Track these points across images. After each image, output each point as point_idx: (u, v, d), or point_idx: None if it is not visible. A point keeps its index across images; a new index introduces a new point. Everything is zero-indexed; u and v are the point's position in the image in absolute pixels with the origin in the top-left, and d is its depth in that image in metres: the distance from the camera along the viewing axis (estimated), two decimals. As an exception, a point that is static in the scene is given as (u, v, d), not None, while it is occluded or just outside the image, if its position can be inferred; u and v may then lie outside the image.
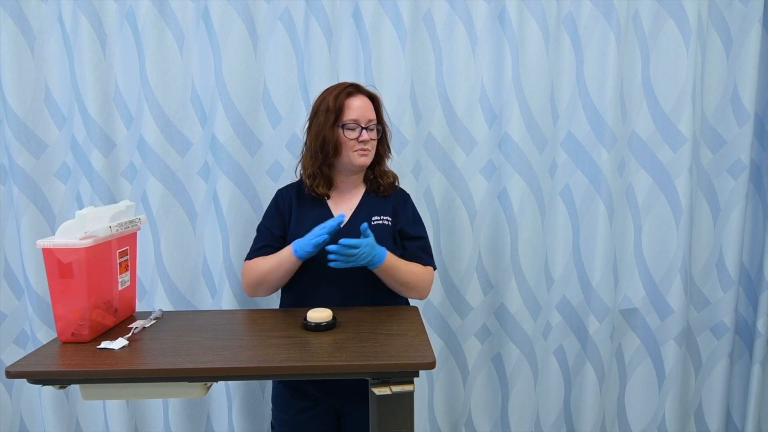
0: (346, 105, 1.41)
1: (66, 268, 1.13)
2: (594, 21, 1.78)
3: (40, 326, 1.81)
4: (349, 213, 1.47)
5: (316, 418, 1.45)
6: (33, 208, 1.77)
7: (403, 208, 1.52)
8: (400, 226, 1.49)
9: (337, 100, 1.42)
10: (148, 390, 1.10)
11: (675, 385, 1.91)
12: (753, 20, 1.78)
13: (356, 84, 1.47)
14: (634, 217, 1.90)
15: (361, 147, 1.42)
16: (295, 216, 1.47)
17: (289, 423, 1.47)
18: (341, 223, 1.33)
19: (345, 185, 1.50)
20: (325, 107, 1.43)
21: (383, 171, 1.53)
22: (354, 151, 1.42)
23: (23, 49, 1.72)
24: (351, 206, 1.49)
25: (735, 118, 1.84)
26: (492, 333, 1.93)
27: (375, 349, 1.12)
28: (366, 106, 1.43)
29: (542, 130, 1.84)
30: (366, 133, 1.42)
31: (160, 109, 1.75)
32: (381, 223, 1.46)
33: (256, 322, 1.30)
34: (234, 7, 1.72)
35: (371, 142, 1.44)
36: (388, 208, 1.50)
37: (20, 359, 1.08)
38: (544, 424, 1.96)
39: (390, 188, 1.52)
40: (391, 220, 1.48)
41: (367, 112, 1.43)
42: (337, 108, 1.41)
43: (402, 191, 1.57)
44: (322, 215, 1.45)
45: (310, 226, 1.39)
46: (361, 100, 1.43)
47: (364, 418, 1.43)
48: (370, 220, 1.45)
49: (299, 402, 1.45)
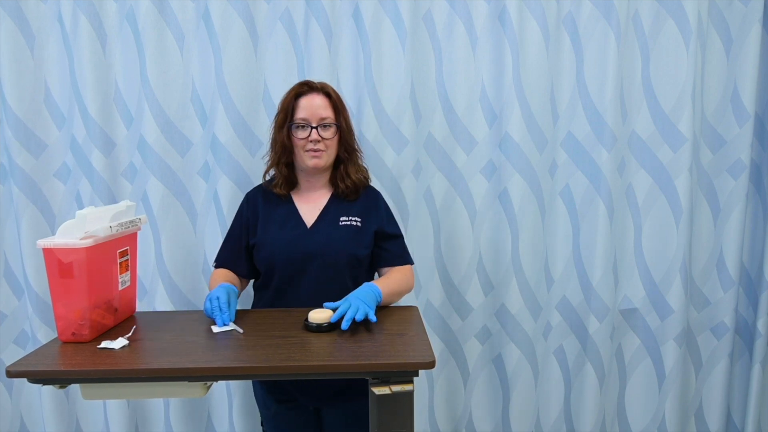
0: (296, 104, 1.40)
1: (66, 267, 1.13)
2: (594, 21, 1.78)
3: (40, 326, 1.81)
4: (315, 214, 1.45)
5: (296, 410, 1.47)
6: (33, 208, 1.77)
7: (375, 208, 1.49)
8: (377, 227, 1.46)
9: (288, 99, 1.41)
10: (148, 390, 1.10)
11: (675, 385, 1.91)
12: (753, 20, 1.78)
13: (308, 82, 1.44)
14: (634, 217, 1.90)
15: (311, 147, 1.39)
16: (262, 215, 1.46)
17: (273, 417, 1.48)
18: None
19: (309, 185, 1.48)
20: (280, 107, 1.44)
21: (344, 173, 1.46)
22: (305, 151, 1.40)
23: (23, 48, 1.72)
24: (317, 207, 1.46)
25: (735, 118, 1.84)
26: (492, 334, 1.93)
27: (375, 348, 1.12)
28: (318, 104, 1.39)
29: (542, 130, 1.84)
30: (316, 132, 1.38)
31: (161, 108, 1.75)
32: (349, 224, 1.43)
33: (257, 322, 1.30)
34: (234, 7, 1.72)
35: (324, 142, 1.39)
36: (357, 208, 1.46)
37: (21, 359, 1.08)
38: (544, 425, 1.96)
39: (353, 193, 1.47)
40: (360, 220, 1.44)
41: (319, 110, 1.39)
42: (287, 108, 1.40)
43: (372, 189, 1.53)
44: (289, 212, 1.45)
45: (279, 224, 1.41)
46: (311, 99, 1.40)
47: (342, 416, 1.44)
48: (338, 221, 1.43)
49: (279, 395, 1.46)
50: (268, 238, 1.42)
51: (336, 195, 1.48)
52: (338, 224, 1.42)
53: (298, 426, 1.49)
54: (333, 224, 1.43)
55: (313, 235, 1.41)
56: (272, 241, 1.41)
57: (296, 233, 1.42)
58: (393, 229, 1.50)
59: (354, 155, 1.49)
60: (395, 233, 1.50)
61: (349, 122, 1.47)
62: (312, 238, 1.40)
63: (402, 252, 1.50)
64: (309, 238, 1.41)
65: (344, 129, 1.44)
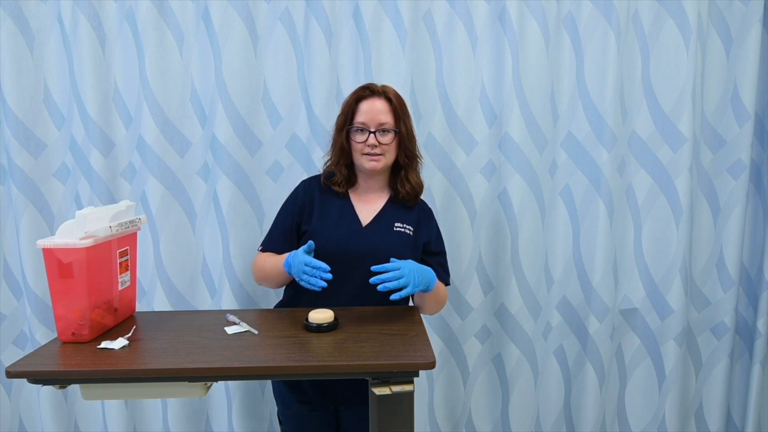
0: (357, 108, 1.41)
1: (66, 268, 1.13)
2: (594, 21, 1.78)
3: (39, 327, 1.80)
4: (371, 215, 1.46)
5: (316, 412, 1.46)
6: (32, 208, 1.77)
7: (427, 222, 1.50)
8: (424, 239, 1.48)
9: (350, 102, 1.42)
10: (148, 390, 1.10)
11: (675, 385, 1.91)
12: (753, 20, 1.78)
13: (370, 85, 1.44)
14: (634, 217, 1.90)
15: (369, 151, 1.40)
16: (318, 206, 1.46)
17: (294, 417, 1.48)
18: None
19: (367, 186, 1.49)
20: (342, 109, 1.45)
21: (404, 179, 1.46)
22: (363, 155, 1.41)
23: (22, 48, 1.72)
24: (374, 209, 1.47)
25: (735, 118, 1.84)
26: (492, 334, 1.93)
27: (375, 349, 1.12)
28: (378, 108, 1.39)
29: (542, 130, 1.83)
30: (374, 137, 1.39)
31: (160, 108, 1.74)
32: (403, 231, 1.44)
33: (257, 322, 1.30)
34: (234, 7, 1.71)
35: (382, 147, 1.40)
36: (411, 217, 1.47)
37: (20, 359, 1.07)
38: (544, 425, 1.96)
39: (411, 199, 1.48)
40: (413, 230, 1.46)
41: (378, 115, 1.39)
42: (348, 111, 1.42)
43: (426, 205, 1.55)
44: (345, 208, 1.46)
45: (335, 218, 1.42)
46: (371, 104, 1.40)
47: (359, 417, 1.43)
48: (393, 225, 1.44)
49: (298, 394, 1.45)
50: (323, 230, 1.41)
51: (393, 199, 1.49)
52: (392, 228, 1.43)
53: (317, 428, 1.48)
54: (388, 227, 1.43)
55: (368, 234, 1.41)
56: (327, 234, 1.40)
57: (351, 230, 1.42)
58: (439, 247, 1.52)
59: (414, 161, 1.48)
60: (440, 250, 1.52)
61: (410, 128, 1.45)
62: (366, 237, 1.40)
63: (444, 271, 1.51)
64: (363, 236, 1.41)
65: (404, 135, 1.43)
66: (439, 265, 1.49)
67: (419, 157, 1.50)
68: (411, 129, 1.46)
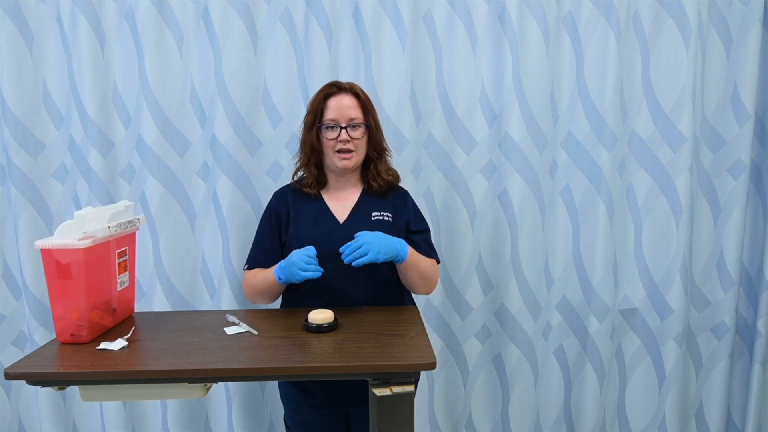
0: (325, 105, 1.40)
1: (65, 268, 1.12)
2: (594, 21, 1.78)
3: (37, 327, 1.80)
4: (346, 211, 1.46)
5: (326, 415, 1.45)
6: (31, 208, 1.76)
7: (404, 204, 1.50)
8: (405, 220, 1.48)
9: (317, 100, 1.41)
10: (147, 391, 1.10)
11: (675, 385, 1.91)
12: (753, 20, 1.77)
13: (337, 83, 1.44)
14: (634, 217, 1.90)
15: (341, 147, 1.39)
16: (293, 213, 1.46)
17: (303, 422, 1.47)
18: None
19: (338, 185, 1.49)
20: (310, 108, 1.44)
21: (375, 172, 1.47)
22: (335, 152, 1.41)
23: (21, 48, 1.71)
24: (348, 205, 1.47)
25: (735, 118, 1.84)
26: (492, 333, 1.93)
27: (375, 349, 1.12)
28: (346, 104, 1.40)
29: (542, 130, 1.83)
30: (345, 132, 1.39)
31: (159, 108, 1.74)
32: (381, 219, 1.44)
33: (257, 322, 1.30)
34: (234, 7, 1.71)
35: (354, 142, 1.40)
36: (387, 204, 1.48)
37: (19, 360, 1.07)
38: (544, 425, 1.95)
39: (385, 191, 1.49)
40: (391, 215, 1.46)
41: (348, 111, 1.39)
42: (317, 109, 1.41)
43: (401, 189, 1.55)
44: (319, 209, 1.45)
45: (308, 222, 1.41)
46: (340, 100, 1.40)
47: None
48: (370, 216, 1.44)
49: (309, 399, 1.44)
50: (300, 233, 1.42)
51: (366, 192, 1.49)
52: (371, 219, 1.43)
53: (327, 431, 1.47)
54: (366, 219, 1.44)
55: (347, 230, 1.40)
56: (305, 236, 1.41)
57: (328, 228, 1.42)
58: (421, 225, 1.51)
59: (383, 154, 1.50)
60: (423, 228, 1.51)
61: (377, 122, 1.47)
62: (346, 234, 1.39)
63: (429, 246, 1.50)
64: (342, 232, 1.40)
65: (373, 129, 1.45)
66: (424, 241, 1.49)
67: (388, 150, 1.51)
68: (378, 122, 1.48)
